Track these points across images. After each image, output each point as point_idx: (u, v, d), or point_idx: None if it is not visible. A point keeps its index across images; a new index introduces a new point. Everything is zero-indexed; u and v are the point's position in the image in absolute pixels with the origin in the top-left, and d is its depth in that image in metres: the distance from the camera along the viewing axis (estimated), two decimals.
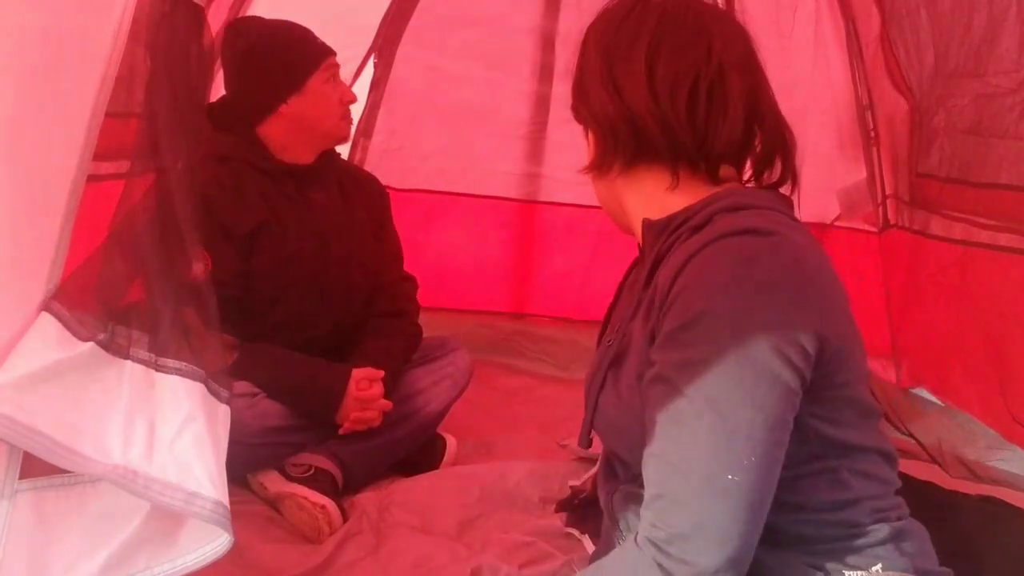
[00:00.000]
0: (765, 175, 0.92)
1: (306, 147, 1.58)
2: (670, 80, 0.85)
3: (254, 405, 1.46)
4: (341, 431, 1.52)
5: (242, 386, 1.43)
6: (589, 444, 0.96)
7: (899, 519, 0.86)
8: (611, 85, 0.87)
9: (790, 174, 0.92)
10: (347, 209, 1.66)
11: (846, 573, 0.80)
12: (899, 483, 0.90)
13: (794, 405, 0.77)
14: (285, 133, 1.55)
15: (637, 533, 0.79)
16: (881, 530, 0.83)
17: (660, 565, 0.74)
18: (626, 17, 0.89)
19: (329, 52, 1.57)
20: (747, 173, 0.93)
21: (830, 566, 0.81)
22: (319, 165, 1.62)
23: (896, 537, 0.83)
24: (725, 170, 0.89)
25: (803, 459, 0.79)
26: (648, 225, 0.90)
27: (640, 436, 0.82)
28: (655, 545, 0.75)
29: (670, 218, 0.87)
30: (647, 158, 0.88)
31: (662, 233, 0.87)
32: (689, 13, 0.88)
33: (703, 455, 0.74)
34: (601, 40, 0.90)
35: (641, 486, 0.83)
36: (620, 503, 0.93)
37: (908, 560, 0.83)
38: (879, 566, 0.81)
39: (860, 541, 0.82)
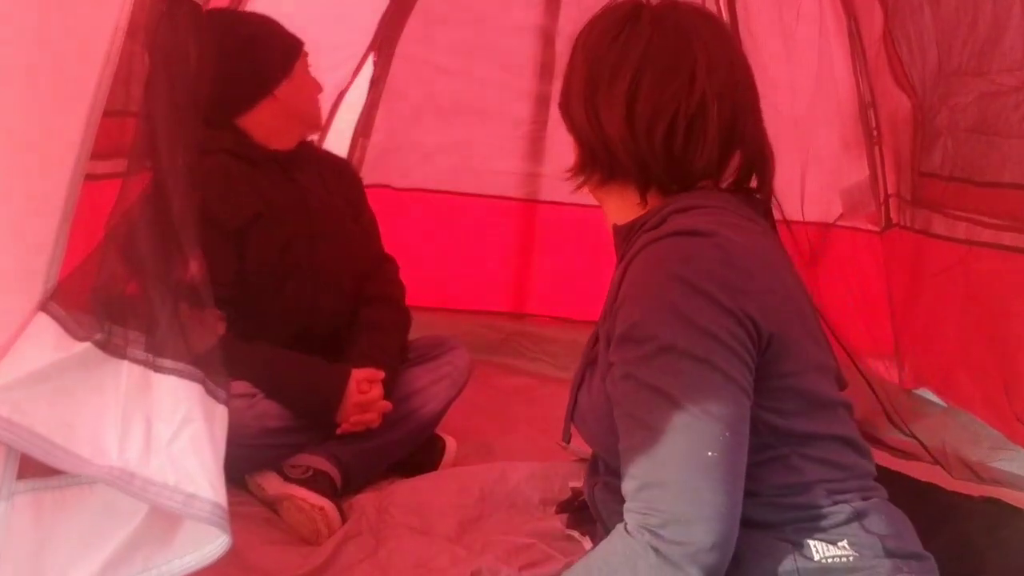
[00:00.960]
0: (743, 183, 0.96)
1: (290, 133, 1.59)
2: (648, 115, 0.89)
3: (253, 406, 1.45)
4: (339, 431, 1.51)
5: (241, 386, 1.43)
6: (568, 439, 1.01)
7: (864, 499, 0.89)
8: (592, 110, 0.93)
9: (767, 187, 0.96)
10: (328, 193, 1.66)
11: (813, 545, 0.84)
12: (868, 467, 0.93)
13: (748, 381, 0.82)
14: (272, 119, 1.55)
15: (625, 523, 0.82)
16: (842, 511, 0.86)
17: (656, 550, 0.78)
18: (616, 37, 0.92)
19: (301, 41, 1.59)
20: (727, 180, 0.97)
21: (797, 540, 0.85)
22: (299, 150, 1.63)
23: (859, 516, 0.86)
24: (701, 182, 0.94)
25: (754, 448, 0.83)
26: (616, 230, 0.96)
27: (608, 433, 0.86)
28: (649, 531, 0.78)
29: (633, 222, 0.93)
30: (620, 178, 0.94)
31: (627, 237, 0.93)
32: (677, 36, 0.91)
33: (680, 438, 0.78)
34: (588, 57, 0.94)
35: (619, 478, 0.86)
36: (600, 495, 0.98)
37: (875, 538, 0.85)
38: (844, 542, 0.84)
39: (823, 523, 0.85)
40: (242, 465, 1.46)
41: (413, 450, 1.65)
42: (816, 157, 1.77)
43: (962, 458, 1.65)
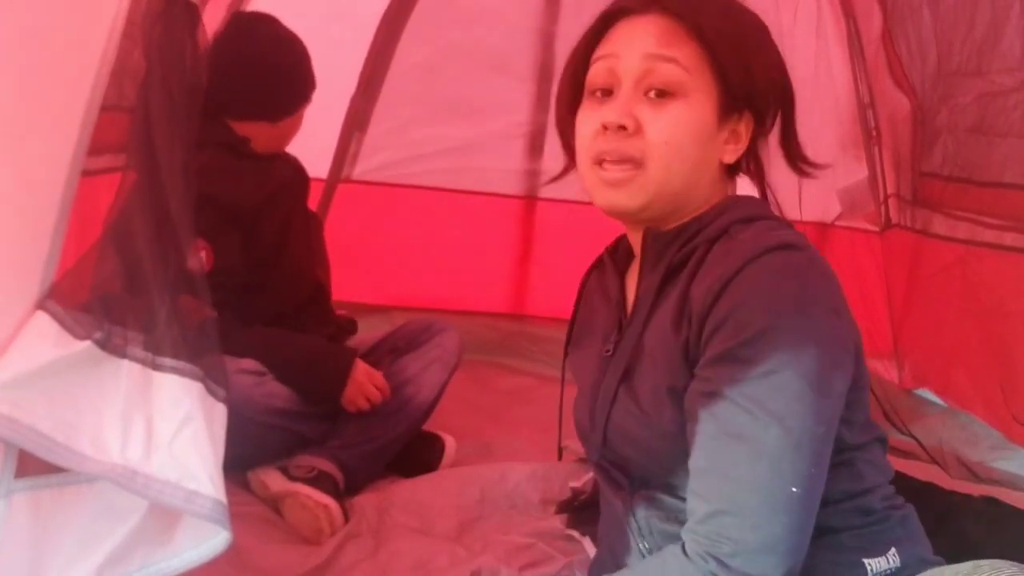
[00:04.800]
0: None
1: (266, 149, 1.62)
2: None
3: (262, 384, 1.48)
4: (346, 404, 1.54)
5: (250, 364, 1.46)
6: (562, 456, 1.01)
7: (904, 505, 0.90)
8: None
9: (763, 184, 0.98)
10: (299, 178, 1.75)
11: (865, 561, 0.83)
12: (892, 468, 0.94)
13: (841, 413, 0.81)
14: (258, 135, 1.59)
15: (683, 544, 0.80)
16: (892, 516, 0.87)
17: None
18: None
19: (315, 83, 1.64)
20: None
21: (852, 559, 0.84)
22: None
23: (905, 521, 0.88)
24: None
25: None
26: (654, 236, 0.91)
27: (663, 449, 0.85)
28: (716, 559, 0.76)
29: (680, 229, 0.90)
30: None
31: (671, 244, 0.89)
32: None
33: (768, 469, 0.76)
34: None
35: (665, 493, 0.85)
36: (644, 511, 0.92)
37: (916, 546, 0.87)
38: (893, 550, 0.85)
39: (876, 527, 0.85)
40: (244, 444, 1.47)
41: (413, 449, 1.66)
42: (815, 157, 1.77)
43: (961, 458, 1.65)
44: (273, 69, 1.55)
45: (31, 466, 0.74)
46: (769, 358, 0.76)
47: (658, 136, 0.85)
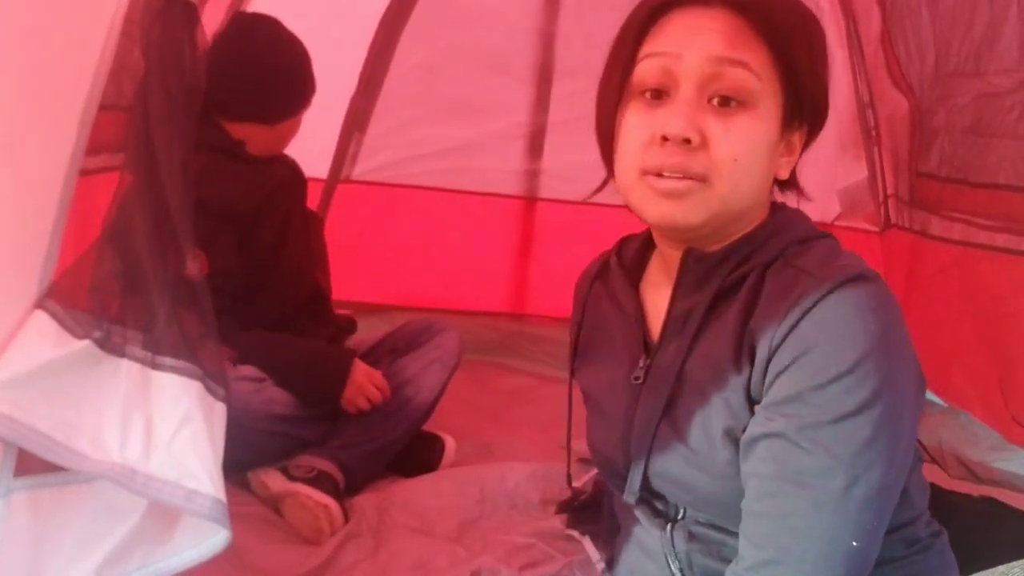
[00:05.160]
0: None
1: (263, 152, 1.61)
2: None
3: (261, 390, 1.48)
4: (346, 405, 1.54)
5: (249, 370, 1.46)
6: (570, 483, 0.96)
7: (941, 531, 0.86)
8: None
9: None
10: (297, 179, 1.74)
11: None
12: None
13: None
14: (254, 137, 1.58)
15: None
16: (935, 545, 0.83)
17: None
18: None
19: (315, 86, 1.62)
20: None
21: None
22: None
23: (943, 551, 0.84)
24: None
25: None
26: (697, 257, 0.82)
27: (715, 489, 0.79)
28: None
29: (728, 251, 0.81)
30: None
31: (719, 266, 0.81)
32: None
33: (829, 520, 0.70)
34: None
35: (711, 528, 0.81)
36: (682, 542, 0.86)
37: (952, 573, 0.84)
38: None
39: (918, 557, 0.81)
40: (244, 450, 1.47)
41: (413, 449, 1.66)
42: (814, 157, 1.77)
43: (960, 458, 1.65)
44: (272, 70, 1.54)
45: (30, 465, 0.74)
46: (842, 404, 0.70)
47: (726, 152, 0.75)
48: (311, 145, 1.75)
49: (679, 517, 0.86)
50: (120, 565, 0.76)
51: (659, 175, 0.77)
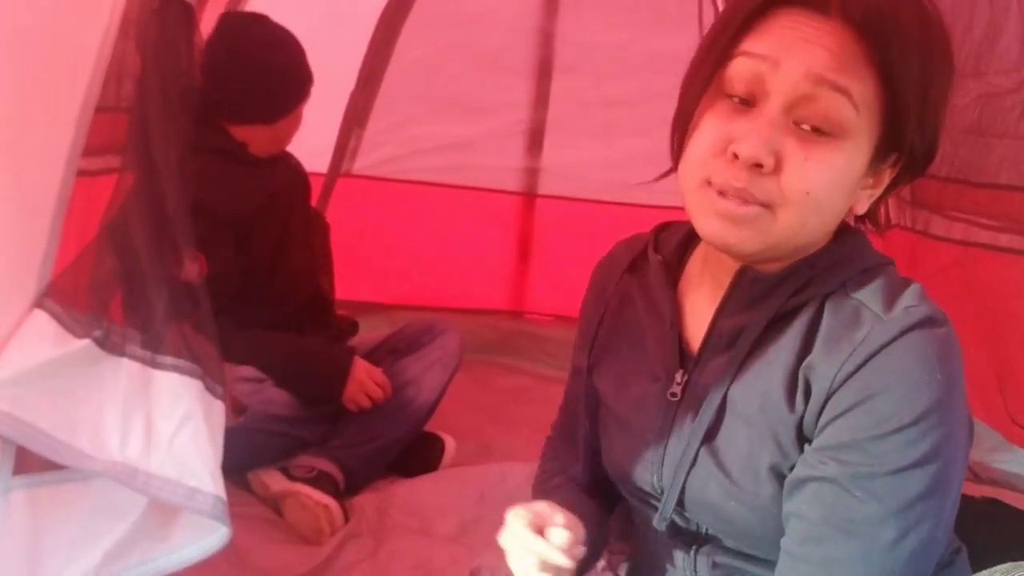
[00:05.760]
0: None
1: (266, 151, 1.61)
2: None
3: (260, 391, 1.48)
4: (347, 403, 1.53)
5: (248, 371, 1.46)
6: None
7: (960, 547, 0.84)
8: None
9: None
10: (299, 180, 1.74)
11: None
12: None
13: None
14: (256, 137, 1.58)
15: None
16: (956, 561, 0.82)
17: None
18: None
19: (313, 78, 1.61)
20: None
21: None
22: None
23: (964, 571, 0.82)
24: None
25: None
26: (753, 278, 0.76)
27: (753, 522, 0.75)
28: None
29: (786, 274, 0.75)
30: None
31: (776, 289, 0.75)
32: None
33: (875, 572, 0.68)
34: None
35: (740, 559, 0.78)
36: (704, 569, 0.83)
37: None
38: None
39: (940, 575, 0.79)
40: (243, 451, 1.47)
41: (413, 449, 1.66)
42: None
43: None
44: (266, 70, 1.53)
45: (29, 464, 0.74)
46: (901, 456, 0.67)
47: (800, 184, 0.68)
48: (311, 140, 1.75)
49: (704, 540, 0.82)
50: (119, 563, 0.76)
51: (722, 193, 0.70)
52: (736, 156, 0.68)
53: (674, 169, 0.77)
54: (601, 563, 1.14)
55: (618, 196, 2.24)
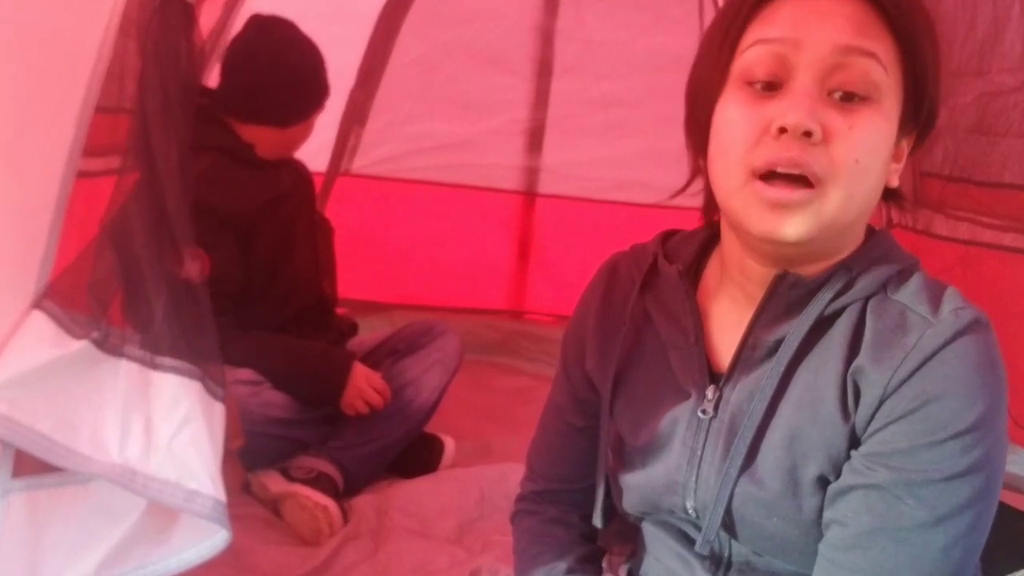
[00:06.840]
0: None
1: (273, 154, 1.61)
2: None
3: (258, 394, 1.47)
4: (345, 408, 1.53)
5: (246, 373, 1.45)
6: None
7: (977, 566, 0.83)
8: None
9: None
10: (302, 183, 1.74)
11: None
12: None
13: None
14: (264, 140, 1.57)
15: None
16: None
17: None
18: None
19: (329, 89, 1.61)
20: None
21: None
22: None
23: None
24: None
25: None
26: (793, 282, 0.73)
27: (790, 536, 0.73)
28: None
29: (826, 277, 0.72)
30: None
31: (816, 294, 0.72)
32: None
33: None
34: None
35: (767, 574, 0.77)
36: None
37: None
38: None
39: None
40: (243, 453, 1.47)
41: (412, 450, 1.65)
42: None
43: None
44: (288, 73, 1.53)
45: (28, 466, 0.74)
46: (956, 463, 0.66)
47: (849, 152, 0.67)
48: (310, 139, 1.75)
49: (729, 555, 0.79)
50: (117, 566, 0.75)
51: (768, 181, 0.67)
52: (782, 130, 0.66)
53: (696, 175, 0.76)
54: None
55: (618, 195, 2.24)
